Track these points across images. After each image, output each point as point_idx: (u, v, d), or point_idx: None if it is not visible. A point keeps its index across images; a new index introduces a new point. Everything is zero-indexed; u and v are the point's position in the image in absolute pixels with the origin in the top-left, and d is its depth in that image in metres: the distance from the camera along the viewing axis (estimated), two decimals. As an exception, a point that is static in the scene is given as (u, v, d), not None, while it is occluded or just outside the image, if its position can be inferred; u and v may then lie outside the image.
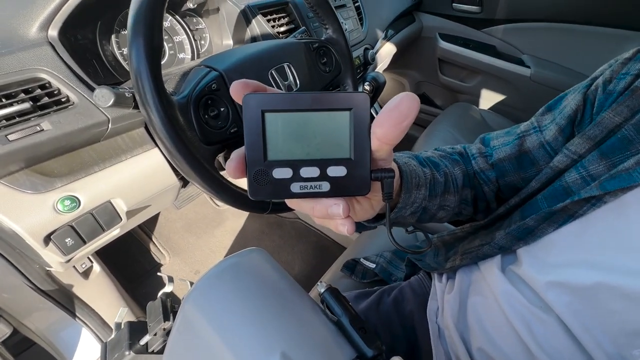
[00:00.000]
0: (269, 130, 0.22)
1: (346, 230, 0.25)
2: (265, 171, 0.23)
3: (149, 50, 0.34)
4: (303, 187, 0.23)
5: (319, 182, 0.23)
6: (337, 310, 0.28)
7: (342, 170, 0.23)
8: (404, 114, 0.21)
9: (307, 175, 0.23)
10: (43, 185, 0.44)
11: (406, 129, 0.22)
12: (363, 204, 0.29)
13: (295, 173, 0.23)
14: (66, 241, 0.47)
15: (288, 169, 0.23)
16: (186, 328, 0.28)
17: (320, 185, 0.23)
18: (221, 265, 0.30)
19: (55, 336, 0.72)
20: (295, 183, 0.23)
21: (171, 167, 0.56)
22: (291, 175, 0.23)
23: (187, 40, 0.68)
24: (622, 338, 0.31)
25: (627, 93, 0.34)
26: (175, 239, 1.17)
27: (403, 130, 0.22)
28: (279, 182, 0.23)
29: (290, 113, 0.22)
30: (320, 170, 0.23)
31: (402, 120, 0.22)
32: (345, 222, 0.25)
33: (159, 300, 0.44)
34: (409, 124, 0.22)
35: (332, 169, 0.23)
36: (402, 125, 0.22)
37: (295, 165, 0.23)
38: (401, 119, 0.21)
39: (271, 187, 0.23)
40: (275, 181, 0.23)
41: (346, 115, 0.23)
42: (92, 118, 0.45)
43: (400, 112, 0.21)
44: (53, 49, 0.45)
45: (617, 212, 0.32)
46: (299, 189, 0.23)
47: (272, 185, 0.23)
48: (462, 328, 0.44)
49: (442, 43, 1.35)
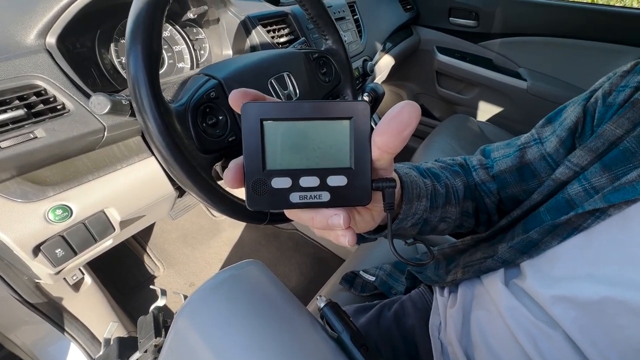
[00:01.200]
0: (267, 139, 0.22)
1: (347, 241, 0.24)
2: (263, 181, 0.22)
3: (147, 57, 0.33)
4: (302, 197, 0.23)
5: (319, 192, 0.23)
6: (337, 326, 0.26)
7: (343, 180, 0.23)
8: (405, 122, 0.21)
9: (306, 185, 0.22)
10: (34, 194, 0.43)
11: (407, 137, 0.22)
12: (364, 215, 0.29)
13: (295, 183, 0.22)
14: (56, 252, 0.45)
15: (287, 179, 0.22)
16: (178, 344, 0.27)
17: (320, 195, 0.23)
18: (217, 278, 0.28)
19: (42, 352, 0.70)
20: (295, 193, 0.22)
21: (167, 176, 0.56)
22: (290, 185, 0.22)
23: (187, 50, 0.68)
24: (630, 354, 0.30)
25: (627, 105, 0.34)
26: (170, 250, 1.15)
27: (404, 139, 0.22)
28: (277, 192, 0.22)
29: (290, 122, 0.22)
30: (320, 180, 0.23)
31: (404, 129, 0.21)
32: (346, 233, 0.24)
33: (151, 314, 0.42)
34: (410, 132, 0.21)
35: (332, 179, 0.23)
36: (404, 134, 0.21)
37: (295, 174, 0.22)
38: (402, 127, 0.21)
39: (270, 197, 0.22)
40: (274, 191, 0.22)
41: (346, 124, 0.22)
42: (87, 126, 0.45)
43: (401, 121, 0.21)
44: (50, 56, 0.44)
45: (621, 225, 0.31)
46: (298, 199, 0.23)
47: (271, 195, 0.22)
48: (466, 344, 0.42)
49: (439, 56, 1.37)
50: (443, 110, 1.56)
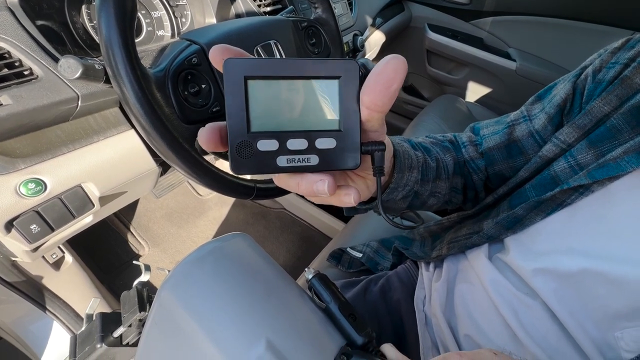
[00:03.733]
0: (252, 99, 0.20)
1: (352, 199, 0.23)
2: (249, 143, 0.21)
3: (121, 16, 0.30)
4: (290, 161, 0.21)
5: (308, 156, 0.22)
6: (325, 296, 0.26)
7: (332, 143, 0.22)
8: (391, 77, 0.20)
9: (294, 147, 0.21)
10: (3, 167, 0.40)
11: (395, 93, 0.21)
12: (358, 184, 0.28)
13: (282, 145, 0.21)
14: (31, 228, 0.43)
15: (274, 141, 0.21)
16: (162, 317, 0.26)
17: (308, 158, 0.22)
18: (202, 249, 0.27)
19: (23, 330, 0.68)
20: (282, 156, 0.21)
21: (149, 150, 0.53)
22: (277, 148, 0.21)
23: (167, 17, 0.64)
24: (605, 322, 0.32)
25: (617, 82, 0.34)
26: (154, 229, 1.13)
27: (392, 96, 0.21)
28: (264, 155, 0.21)
29: (276, 80, 0.21)
30: (308, 143, 0.21)
31: (390, 84, 0.20)
32: (349, 192, 0.23)
33: (134, 289, 0.41)
34: (398, 87, 0.21)
35: (320, 141, 0.22)
36: (391, 90, 0.20)
37: (282, 137, 0.21)
38: (389, 82, 0.20)
39: (255, 160, 0.21)
40: (260, 154, 0.21)
41: (335, 83, 0.21)
42: (59, 94, 0.41)
43: (387, 76, 0.20)
44: (13, 14, 0.40)
45: (603, 201, 0.32)
46: (285, 162, 0.21)
47: (257, 158, 0.21)
48: (450, 315, 0.44)
49: (430, 34, 1.34)
50: (432, 90, 1.55)
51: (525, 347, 0.35)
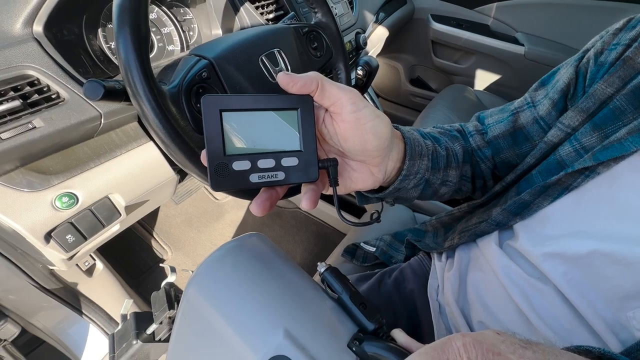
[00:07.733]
0: (227, 127, 0.25)
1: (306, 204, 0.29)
2: (225, 164, 0.25)
3: (137, 40, 0.33)
4: (261, 177, 0.26)
5: (275, 172, 0.26)
6: (337, 287, 0.28)
7: (295, 161, 0.27)
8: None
9: (264, 166, 0.26)
10: (40, 183, 0.44)
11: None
12: (361, 172, 0.30)
13: (254, 165, 0.26)
14: (67, 238, 0.47)
15: (246, 161, 0.25)
16: (190, 312, 0.29)
17: (276, 174, 0.26)
18: (222, 249, 0.30)
19: (63, 333, 0.73)
20: (254, 174, 0.26)
21: (167, 160, 0.56)
22: (250, 167, 0.26)
23: (176, 32, 0.67)
24: (616, 302, 0.32)
25: (619, 63, 0.34)
26: (176, 234, 1.18)
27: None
28: (238, 174, 0.25)
29: (246, 112, 0.25)
30: (275, 162, 0.26)
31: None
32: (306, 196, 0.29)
33: (163, 289, 0.45)
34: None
35: (285, 160, 0.26)
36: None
37: (253, 157, 0.26)
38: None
39: (231, 178, 0.25)
40: (235, 173, 0.25)
41: (294, 113, 0.26)
42: (84, 114, 0.45)
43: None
44: (39, 45, 0.44)
45: (609, 182, 0.32)
46: (257, 178, 0.26)
47: (232, 176, 0.25)
48: (463, 303, 0.44)
49: (434, 25, 1.33)
50: (440, 81, 1.54)
51: (538, 330, 0.36)
